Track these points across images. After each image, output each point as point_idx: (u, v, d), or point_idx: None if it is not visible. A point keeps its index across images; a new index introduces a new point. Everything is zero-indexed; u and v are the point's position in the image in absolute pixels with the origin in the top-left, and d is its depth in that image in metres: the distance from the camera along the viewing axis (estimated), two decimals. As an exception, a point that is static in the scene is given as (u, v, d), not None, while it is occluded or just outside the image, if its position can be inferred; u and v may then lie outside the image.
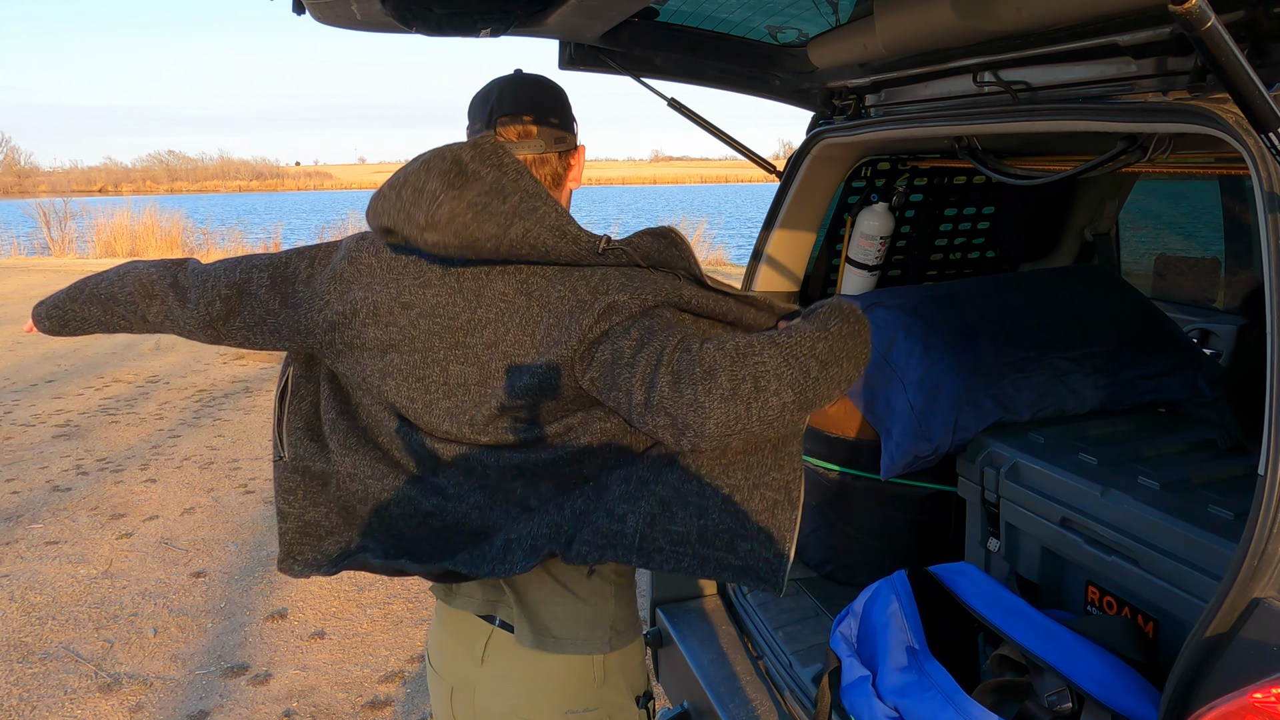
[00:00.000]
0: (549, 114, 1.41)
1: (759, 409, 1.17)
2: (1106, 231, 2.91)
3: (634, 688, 1.49)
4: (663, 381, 1.19)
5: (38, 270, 15.54)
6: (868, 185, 2.54)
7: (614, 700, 1.45)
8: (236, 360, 8.16)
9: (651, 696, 1.52)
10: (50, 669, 3.23)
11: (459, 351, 1.33)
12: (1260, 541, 1.07)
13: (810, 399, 1.21)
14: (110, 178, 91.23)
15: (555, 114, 1.41)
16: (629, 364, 1.22)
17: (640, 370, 1.21)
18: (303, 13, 1.57)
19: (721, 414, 1.17)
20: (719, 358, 1.19)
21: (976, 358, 2.06)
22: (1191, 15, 0.91)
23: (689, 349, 1.21)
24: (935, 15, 1.57)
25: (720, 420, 1.17)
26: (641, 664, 1.53)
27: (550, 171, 1.42)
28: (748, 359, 1.19)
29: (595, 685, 1.42)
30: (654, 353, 1.22)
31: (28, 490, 4.96)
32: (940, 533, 2.28)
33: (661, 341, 1.23)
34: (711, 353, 1.20)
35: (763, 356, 1.19)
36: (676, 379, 1.19)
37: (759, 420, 1.18)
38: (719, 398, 1.17)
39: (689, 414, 1.18)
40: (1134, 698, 1.36)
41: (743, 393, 1.17)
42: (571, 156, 1.44)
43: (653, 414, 1.20)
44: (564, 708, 1.41)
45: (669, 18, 2.03)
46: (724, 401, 1.17)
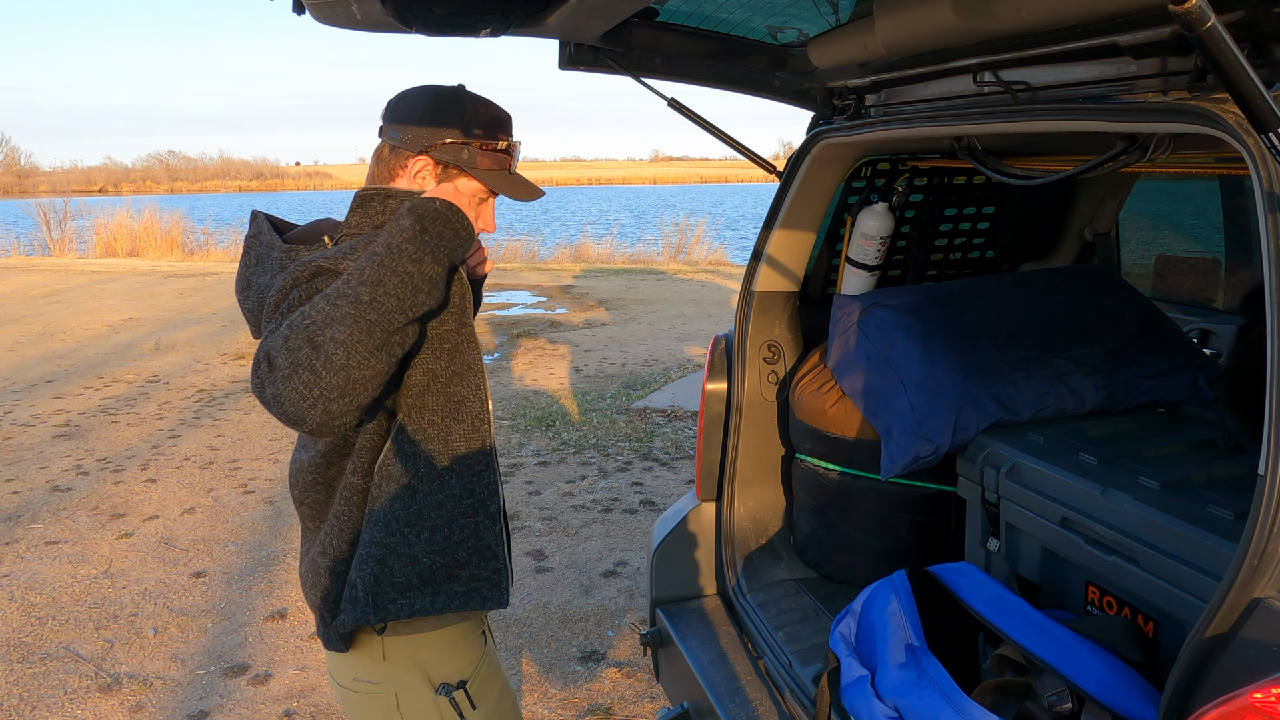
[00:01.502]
0: (400, 104, 1.50)
1: (324, 364, 1.22)
2: (1106, 231, 2.91)
3: (431, 674, 1.51)
4: (257, 387, 1.28)
5: (38, 270, 15.54)
6: (868, 185, 2.54)
7: (400, 679, 1.50)
8: (236, 360, 8.16)
9: (463, 688, 1.52)
10: (50, 669, 3.23)
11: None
12: (1260, 541, 1.07)
13: (374, 320, 1.25)
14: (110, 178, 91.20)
15: (393, 124, 1.50)
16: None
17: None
18: (303, 13, 1.57)
19: (295, 393, 1.22)
20: (274, 342, 1.25)
21: (976, 358, 2.06)
22: (1191, 15, 0.91)
23: (263, 344, 1.29)
24: (935, 15, 1.56)
25: (297, 400, 1.22)
26: (451, 654, 1.53)
27: (381, 167, 1.51)
28: (298, 325, 1.24)
29: (375, 661, 1.49)
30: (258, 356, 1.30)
31: (28, 490, 4.96)
32: (940, 533, 2.28)
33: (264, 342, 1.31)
34: (267, 342, 1.27)
35: (310, 313, 1.25)
36: (260, 384, 1.26)
37: (332, 373, 1.22)
38: (284, 380, 1.22)
39: (277, 410, 1.24)
40: (1134, 698, 1.36)
41: (302, 359, 1.22)
42: (401, 157, 1.48)
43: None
44: (352, 675, 1.52)
45: (669, 18, 2.03)
46: (289, 381, 1.22)
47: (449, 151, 1.47)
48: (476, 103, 1.50)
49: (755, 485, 2.55)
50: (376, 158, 1.51)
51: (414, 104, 1.49)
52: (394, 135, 1.48)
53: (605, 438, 5.74)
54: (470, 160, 1.48)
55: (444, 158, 1.47)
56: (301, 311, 1.26)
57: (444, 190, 1.42)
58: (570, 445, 5.61)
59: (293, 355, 1.22)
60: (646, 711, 2.94)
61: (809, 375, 2.39)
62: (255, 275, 1.47)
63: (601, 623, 3.50)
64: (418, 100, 1.49)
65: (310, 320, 1.24)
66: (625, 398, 6.66)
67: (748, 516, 2.53)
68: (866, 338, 2.20)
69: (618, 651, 3.30)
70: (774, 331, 2.52)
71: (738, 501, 2.52)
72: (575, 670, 3.17)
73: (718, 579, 2.50)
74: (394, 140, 1.48)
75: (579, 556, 4.08)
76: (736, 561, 2.47)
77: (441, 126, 1.46)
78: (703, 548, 2.51)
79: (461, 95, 1.50)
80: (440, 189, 1.42)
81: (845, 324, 2.29)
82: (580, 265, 15.85)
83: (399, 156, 1.48)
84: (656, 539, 2.49)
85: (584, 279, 13.67)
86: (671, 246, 17.36)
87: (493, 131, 1.50)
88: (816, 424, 2.32)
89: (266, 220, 1.52)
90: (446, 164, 1.48)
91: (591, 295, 11.97)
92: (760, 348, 2.51)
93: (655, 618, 2.44)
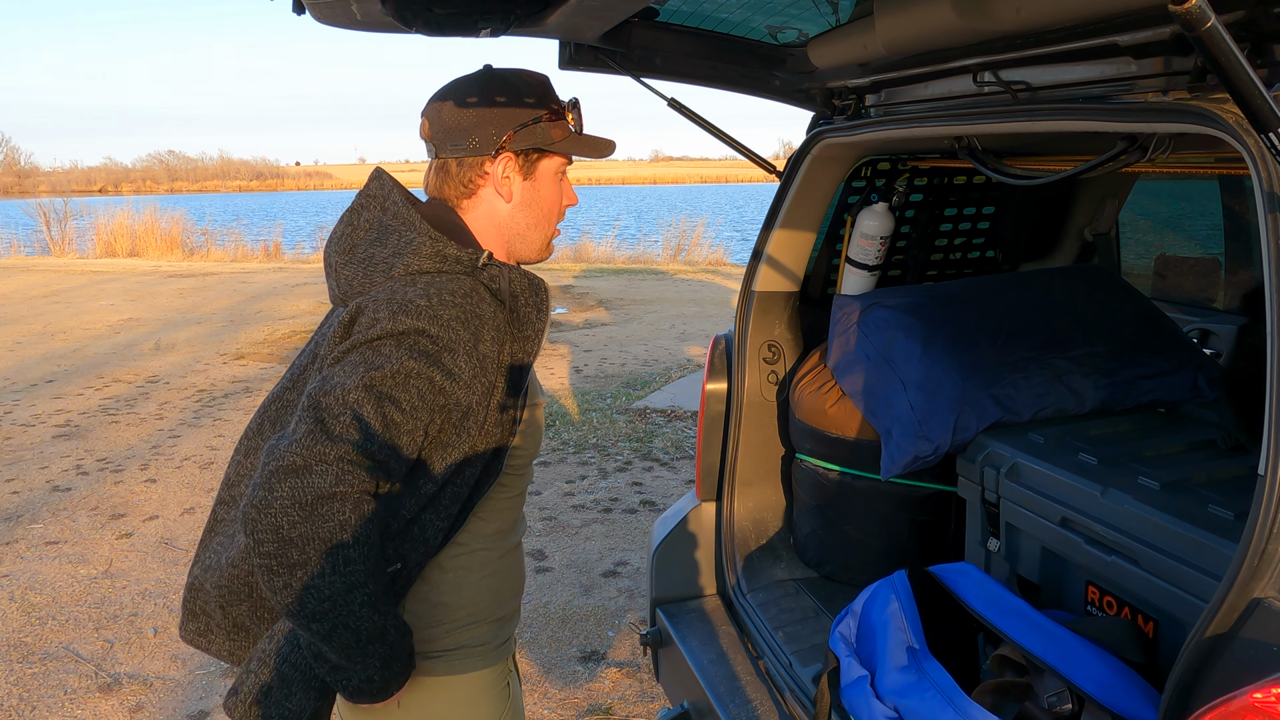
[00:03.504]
0: (444, 111, 1.37)
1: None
2: (1106, 231, 2.91)
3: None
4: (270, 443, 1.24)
5: (38, 270, 15.54)
6: (868, 185, 2.54)
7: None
8: (236, 360, 8.16)
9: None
10: (50, 669, 3.23)
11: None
12: (1260, 541, 1.07)
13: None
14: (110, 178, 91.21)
15: (451, 135, 1.36)
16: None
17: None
18: (303, 13, 1.57)
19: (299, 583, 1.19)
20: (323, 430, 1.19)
21: (976, 358, 2.06)
22: (1191, 15, 0.91)
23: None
24: (935, 15, 1.56)
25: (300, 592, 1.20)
26: (473, 709, 1.44)
27: (453, 182, 1.39)
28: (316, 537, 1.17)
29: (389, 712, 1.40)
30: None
31: (28, 490, 4.95)
32: (940, 533, 2.28)
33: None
34: (328, 401, 1.21)
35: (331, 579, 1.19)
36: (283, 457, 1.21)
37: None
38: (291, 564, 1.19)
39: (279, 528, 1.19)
40: (1134, 699, 1.36)
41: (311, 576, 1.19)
42: (477, 165, 1.37)
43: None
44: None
45: (669, 18, 2.03)
46: (292, 574, 1.19)
47: (524, 138, 1.36)
48: (519, 77, 1.39)
49: (755, 485, 2.55)
50: (444, 176, 1.39)
51: (460, 105, 1.37)
52: (458, 147, 1.36)
53: (605, 438, 5.74)
54: (545, 137, 1.38)
55: (522, 145, 1.37)
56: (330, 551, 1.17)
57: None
58: (570, 445, 5.61)
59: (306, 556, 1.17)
60: (646, 711, 2.94)
61: (809, 375, 2.39)
62: (370, 247, 1.33)
63: (601, 623, 3.50)
64: (463, 98, 1.37)
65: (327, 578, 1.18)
66: (625, 398, 6.66)
67: (748, 516, 2.53)
68: (866, 338, 2.20)
69: (618, 651, 3.30)
70: (774, 331, 2.52)
71: (738, 501, 2.52)
72: (575, 670, 3.17)
73: (718, 579, 2.49)
74: (460, 152, 1.36)
75: (579, 556, 4.08)
76: (736, 561, 2.47)
77: (505, 113, 1.36)
78: (703, 548, 2.51)
79: (503, 75, 1.39)
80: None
81: (845, 324, 2.29)
82: (580, 265, 15.85)
83: (472, 167, 1.37)
84: (656, 539, 2.49)
85: (584, 279, 13.66)
86: (671, 246, 17.36)
87: (547, 99, 1.40)
88: (816, 424, 2.32)
89: (396, 186, 1.38)
90: (526, 151, 1.38)
91: (591, 295, 11.97)
92: (760, 348, 2.50)
93: (655, 618, 2.44)
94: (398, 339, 1.22)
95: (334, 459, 1.16)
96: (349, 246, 1.35)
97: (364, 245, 1.33)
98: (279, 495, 1.15)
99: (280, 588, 1.18)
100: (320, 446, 1.16)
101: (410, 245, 1.29)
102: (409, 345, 1.22)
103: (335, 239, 1.38)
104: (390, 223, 1.33)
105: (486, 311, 1.29)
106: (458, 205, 1.41)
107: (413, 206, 1.35)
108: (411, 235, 1.29)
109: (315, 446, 1.16)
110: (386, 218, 1.33)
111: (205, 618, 1.41)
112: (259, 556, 1.17)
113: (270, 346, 8.76)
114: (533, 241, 1.44)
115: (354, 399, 1.19)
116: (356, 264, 1.33)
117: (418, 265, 1.28)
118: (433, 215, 1.37)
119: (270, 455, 1.18)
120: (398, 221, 1.32)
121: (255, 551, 1.17)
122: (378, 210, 1.35)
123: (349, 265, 1.34)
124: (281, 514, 1.15)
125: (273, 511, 1.15)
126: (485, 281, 1.31)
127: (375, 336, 1.23)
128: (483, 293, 1.30)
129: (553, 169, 1.42)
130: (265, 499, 1.15)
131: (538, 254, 1.47)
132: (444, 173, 1.39)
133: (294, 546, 1.16)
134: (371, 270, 1.31)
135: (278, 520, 1.15)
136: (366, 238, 1.34)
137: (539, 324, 1.37)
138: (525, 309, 1.35)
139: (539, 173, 1.40)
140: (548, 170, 1.41)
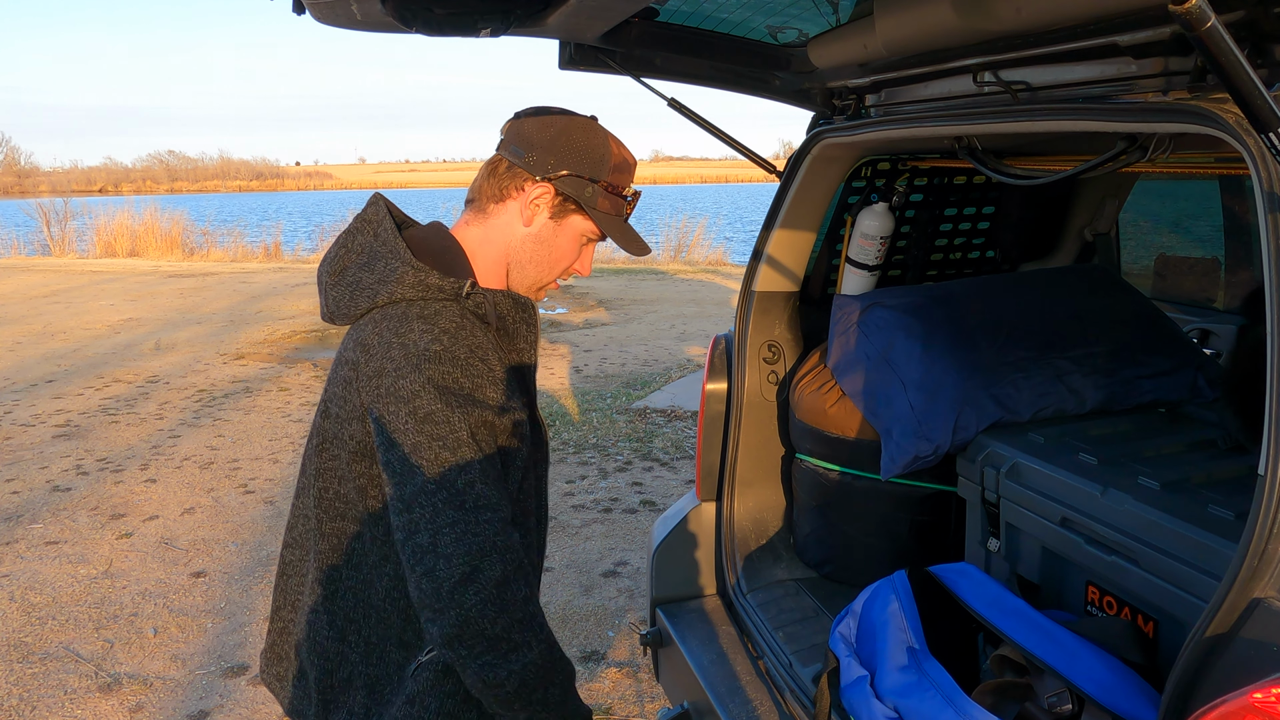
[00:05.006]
0: (530, 122, 1.41)
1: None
2: (1106, 231, 2.91)
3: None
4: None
5: (38, 270, 15.54)
6: (868, 185, 2.54)
7: None
8: (236, 360, 8.16)
9: None
10: (50, 669, 3.23)
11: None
12: (1260, 541, 1.07)
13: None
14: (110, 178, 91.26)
15: (519, 141, 1.40)
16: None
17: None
18: (303, 13, 1.57)
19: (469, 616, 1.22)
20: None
21: (976, 358, 2.06)
22: (1191, 15, 0.91)
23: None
24: (935, 15, 1.56)
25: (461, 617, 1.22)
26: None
27: (493, 181, 1.42)
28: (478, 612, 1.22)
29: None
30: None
31: (28, 490, 4.96)
32: (940, 533, 2.28)
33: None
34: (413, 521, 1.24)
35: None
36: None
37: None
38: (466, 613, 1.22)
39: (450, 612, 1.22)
40: (1134, 699, 1.36)
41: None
42: (520, 178, 1.39)
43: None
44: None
45: (669, 18, 2.03)
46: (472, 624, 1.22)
47: (574, 185, 1.38)
48: (611, 140, 1.43)
49: (755, 485, 2.55)
50: (489, 171, 1.42)
51: (546, 125, 1.39)
52: (517, 152, 1.38)
53: (605, 438, 5.74)
54: (592, 199, 1.40)
55: (567, 190, 1.38)
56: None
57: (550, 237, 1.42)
58: (570, 445, 5.61)
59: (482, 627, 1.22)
60: (646, 711, 2.94)
61: (809, 375, 2.39)
62: (359, 272, 1.36)
63: (601, 623, 3.50)
64: (552, 123, 1.39)
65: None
66: (625, 398, 6.66)
67: (748, 516, 2.53)
68: (866, 338, 2.20)
69: (618, 651, 3.30)
70: (774, 331, 2.52)
71: (738, 501, 2.52)
72: (575, 670, 3.16)
73: (718, 579, 2.50)
74: (516, 158, 1.38)
75: (579, 556, 4.08)
76: (736, 561, 2.47)
77: (573, 156, 1.38)
78: (703, 548, 2.51)
79: (600, 130, 1.42)
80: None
81: (845, 324, 2.29)
82: (580, 265, 15.83)
83: (516, 176, 1.39)
84: (656, 539, 2.49)
85: (584, 279, 13.67)
86: (671, 246, 17.36)
87: (621, 175, 1.43)
88: (816, 424, 2.32)
89: (389, 214, 1.41)
90: (567, 197, 1.39)
91: (591, 295, 11.97)
92: (760, 348, 2.50)
93: (655, 618, 2.44)
94: (436, 393, 1.25)
95: (491, 540, 1.23)
96: (340, 269, 1.40)
97: (353, 269, 1.37)
98: (469, 605, 1.20)
99: (505, 677, 1.23)
100: (471, 539, 1.22)
101: (394, 274, 1.32)
102: (445, 397, 1.26)
103: (328, 259, 1.42)
104: (379, 249, 1.36)
105: (480, 335, 1.33)
106: (482, 209, 1.43)
107: (400, 234, 1.38)
108: (396, 264, 1.33)
109: (468, 540, 1.22)
110: (377, 244, 1.37)
111: (286, 663, 1.48)
112: (475, 664, 1.23)
113: (270, 346, 8.76)
114: (528, 276, 1.46)
115: (453, 476, 1.24)
116: (344, 286, 1.37)
117: (401, 294, 1.31)
118: (420, 239, 1.40)
119: (429, 580, 1.21)
120: (385, 249, 1.36)
121: (472, 662, 1.23)
122: (370, 236, 1.39)
123: (337, 287, 1.38)
124: (481, 618, 1.20)
125: (471, 621, 1.21)
126: (471, 309, 1.34)
127: (410, 394, 1.25)
128: (471, 319, 1.33)
129: (580, 229, 1.44)
130: (459, 618, 1.21)
131: (527, 291, 1.48)
132: (493, 169, 1.42)
133: (502, 638, 1.23)
134: (357, 294, 1.35)
135: (481, 626, 1.21)
136: (357, 261, 1.38)
137: (529, 335, 1.41)
138: (514, 325, 1.39)
139: (566, 224, 1.43)
140: (575, 226, 1.43)
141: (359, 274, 1.36)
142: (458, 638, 1.21)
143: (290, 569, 1.47)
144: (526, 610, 1.25)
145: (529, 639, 1.25)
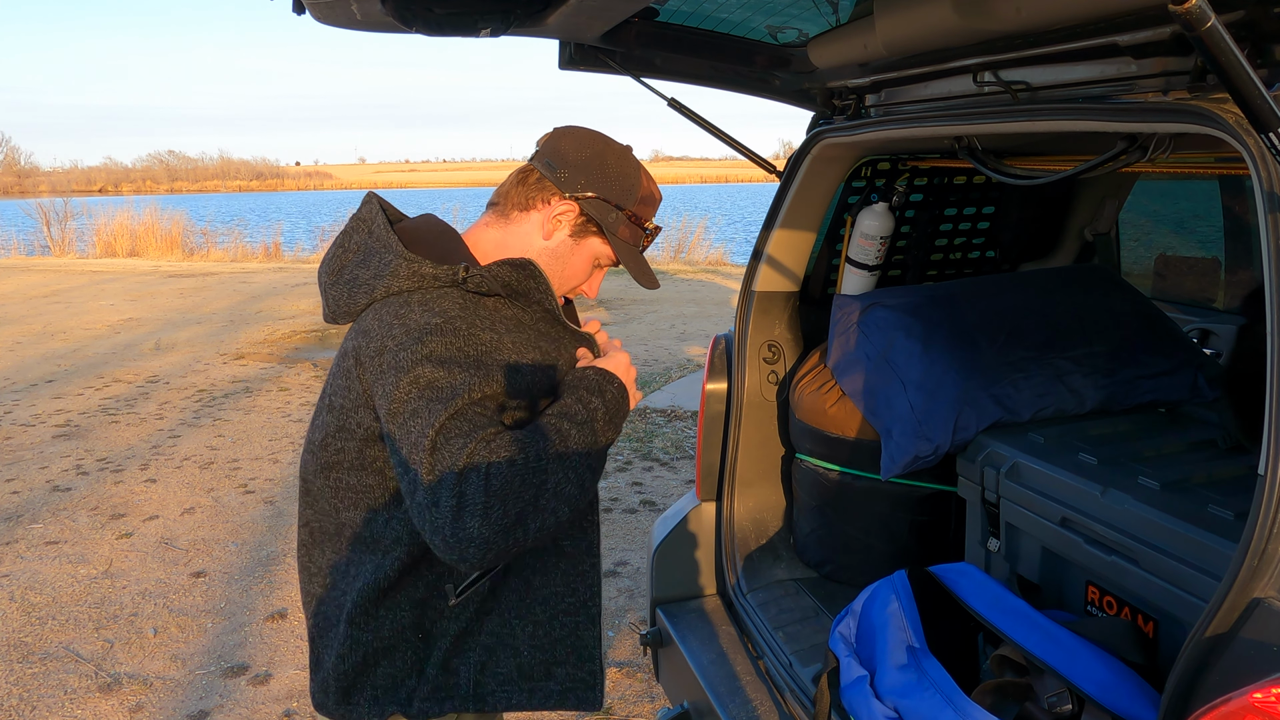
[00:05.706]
0: (569, 138, 1.45)
1: (523, 536, 1.24)
2: (1106, 231, 2.91)
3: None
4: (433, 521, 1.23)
5: (37, 270, 15.54)
6: (868, 185, 2.54)
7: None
8: (236, 360, 8.16)
9: None
10: (50, 669, 3.23)
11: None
12: (1260, 541, 1.07)
13: (572, 505, 1.28)
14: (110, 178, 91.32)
15: (554, 155, 1.43)
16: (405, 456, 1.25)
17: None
18: (303, 13, 1.57)
19: (485, 544, 1.20)
20: (454, 486, 1.20)
21: (976, 358, 2.06)
22: (1191, 15, 0.91)
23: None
24: (935, 15, 1.56)
25: (481, 549, 1.20)
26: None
27: (521, 190, 1.44)
28: (499, 489, 1.21)
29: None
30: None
31: (28, 490, 4.96)
32: (940, 533, 2.28)
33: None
34: (437, 478, 1.22)
35: (513, 486, 1.22)
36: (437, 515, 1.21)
37: (525, 541, 1.24)
38: (482, 534, 1.20)
39: (455, 548, 1.21)
40: (1134, 699, 1.36)
41: (511, 524, 1.21)
42: (548, 191, 1.42)
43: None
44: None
45: (669, 18, 2.03)
46: (490, 539, 1.20)
47: (599, 208, 1.42)
48: (643, 173, 1.47)
49: (755, 485, 2.55)
50: (519, 179, 1.45)
51: (582, 145, 1.43)
52: (550, 166, 1.42)
53: (605, 438, 5.74)
54: (614, 225, 1.43)
55: (591, 212, 1.42)
56: (500, 475, 1.21)
57: (612, 361, 1.43)
58: (570, 445, 5.61)
59: (496, 518, 1.20)
60: (646, 711, 2.94)
61: (809, 375, 2.39)
62: (356, 269, 1.38)
63: (601, 623, 3.50)
64: (588, 144, 1.44)
65: (513, 492, 1.22)
66: (625, 398, 6.65)
67: (748, 516, 2.53)
68: (866, 338, 2.20)
69: (618, 651, 3.30)
70: (774, 331, 2.52)
71: (738, 501, 2.52)
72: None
73: (718, 579, 2.50)
74: (548, 171, 1.42)
75: (579, 556, 4.08)
76: (736, 561, 2.47)
77: (603, 180, 1.42)
78: (703, 548, 2.51)
79: (633, 160, 1.46)
80: (612, 359, 1.42)
81: (845, 324, 2.29)
82: (580, 265, 15.83)
83: (545, 189, 1.42)
84: (656, 539, 2.49)
85: (584, 279, 13.65)
86: (671, 246, 17.36)
87: (646, 208, 1.46)
88: (816, 424, 2.32)
89: (382, 211, 1.43)
90: (590, 219, 1.43)
91: (591, 295, 11.95)
92: (760, 348, 2.51)
93: (655, 618, 2.44)
94: (437, 362, 1.26)
95: (454, 458, 1.21)
96: (338, 268, 1.41)
97: (350, 267, 1.39)
98: (473, 530, 1.19)
99: (540, 525, 1.23)
100: (446, 458, 1.20)
101: (389, 268, 1.34)
102: (447, 366, 1.26)
103: (327, 260, 1.44)
104: (373, 245, 1.38)
105: (485, 312, 1.34)
106: (505, 214, 1.45)
107: (392, 228, 1.40)
108: (389, 258, 1.34)
109: (442, 460, 1.20)
110: (371, 240, 1.39)
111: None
112: (534, 534, 1.23)
113: (270, 346, 8.76)
114: None
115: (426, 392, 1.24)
116: (343, 285, 1.39)
117: (396, 286, 1.33)
118: (412, 230, 1.42)
119: (437, 535, 1.20)
120: (379, 244, 1.37)
121: (531, 536, 1.23)
122: (364, 234, 1.41)
123: (336, 286, 1.40)
124: (474, 517, 1.18)
125: (491, 540, 1.20)
126: (472, 289, 1.35)
127: (410, 364, 1.25)
128: (471, 299, 1.35)
129: (595, 251, 1.46)
130: (459, 531, 1.19)
131: None
132: (523, 178, 1.45)
133: (509, 510, 1.21)
134: (355, 291, 1.36)
135: (485, 520, 1.19)
136: (354, 260, 1.40)
137: (540, 290, 1.40)
138: (521, 285, 1.38)
139: (584, 244, 1.45)
140: (590, 248, 1.46)
141: (356, 271, 1.38)
142: (496, 554, 1.20)
143: (308, 564, 1.48)
144: (509, 476, 1.21)
145: (527, 484, 1.22)
